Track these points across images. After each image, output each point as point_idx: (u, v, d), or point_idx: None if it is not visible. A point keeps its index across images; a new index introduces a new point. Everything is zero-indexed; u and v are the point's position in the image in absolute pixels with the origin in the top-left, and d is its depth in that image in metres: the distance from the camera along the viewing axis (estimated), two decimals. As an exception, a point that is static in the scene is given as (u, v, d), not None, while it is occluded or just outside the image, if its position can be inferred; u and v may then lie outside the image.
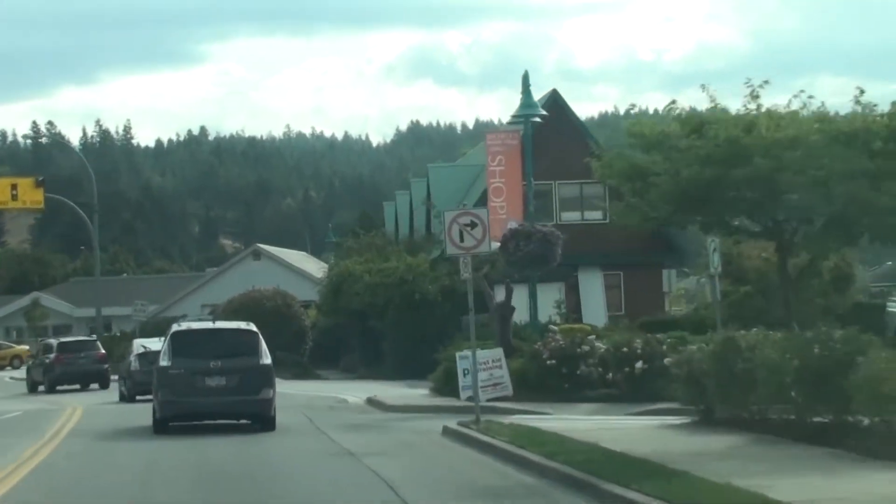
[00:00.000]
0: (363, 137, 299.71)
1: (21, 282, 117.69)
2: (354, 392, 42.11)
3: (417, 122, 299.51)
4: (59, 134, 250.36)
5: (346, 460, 20.66)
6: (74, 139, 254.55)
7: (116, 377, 46.88)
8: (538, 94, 43.20)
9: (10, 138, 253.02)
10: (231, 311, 56.02)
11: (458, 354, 33.73)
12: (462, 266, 26.95)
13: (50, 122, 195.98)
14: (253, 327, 26.83)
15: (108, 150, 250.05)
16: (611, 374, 31.88)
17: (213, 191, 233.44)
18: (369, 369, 54.10)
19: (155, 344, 39.81)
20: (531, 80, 36.79)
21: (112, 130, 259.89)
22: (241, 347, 25.62)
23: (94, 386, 52.83)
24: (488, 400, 31.33)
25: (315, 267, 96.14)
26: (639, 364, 30.91)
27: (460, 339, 44.35)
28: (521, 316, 41.23)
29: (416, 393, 39.25)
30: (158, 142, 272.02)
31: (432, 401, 34.81)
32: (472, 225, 25.98)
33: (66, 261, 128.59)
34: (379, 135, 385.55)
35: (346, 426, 28.14)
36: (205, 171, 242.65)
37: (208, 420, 26.14)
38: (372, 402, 36.12)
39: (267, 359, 25.85)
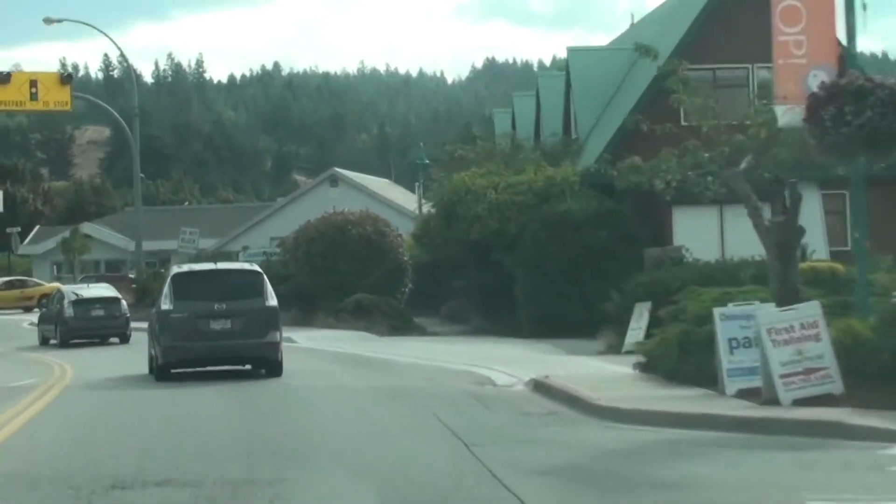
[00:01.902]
0: (438, 74, 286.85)
1: (77, 213, 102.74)
2: (490, 360, 26.39)
3: (493, 58, 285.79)
4: (131, 66, 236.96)
5: None
6: (147, 74, 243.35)
7: (37, 322, 43.25)
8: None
9: (81, 72, 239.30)
10: (306, 241, 40.39)
11: (718, 311, 17.95)
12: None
13: (122, 55, 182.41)
14: (257, 267, 25.32)
15: (180, 84, 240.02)
16: None
17: (286, 126, 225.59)
18: (489, 321, 38.45)
19: (86, 291, 40.78)
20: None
21: (184, 64, 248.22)
22: (245, 289, 23.75)
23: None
24: (797, 402, 15.83)
25: (401, 196, 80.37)
26: None
27: (635, 282, 29.07)
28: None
29: (607, 369, 23.51)
30: (231, 77, 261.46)
31: (664, 391, 18.75)
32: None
33: (127, 192, 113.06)
34: (451, 73, 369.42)
35: (553, 473, 12.40)
36: (278, 107, 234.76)
37: (212, 366, 24.04)
38: (547, 391, 20.27)
39: (273, 300, 23.88)
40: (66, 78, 47.75)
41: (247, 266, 25.69)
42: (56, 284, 61.66)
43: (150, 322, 25.56)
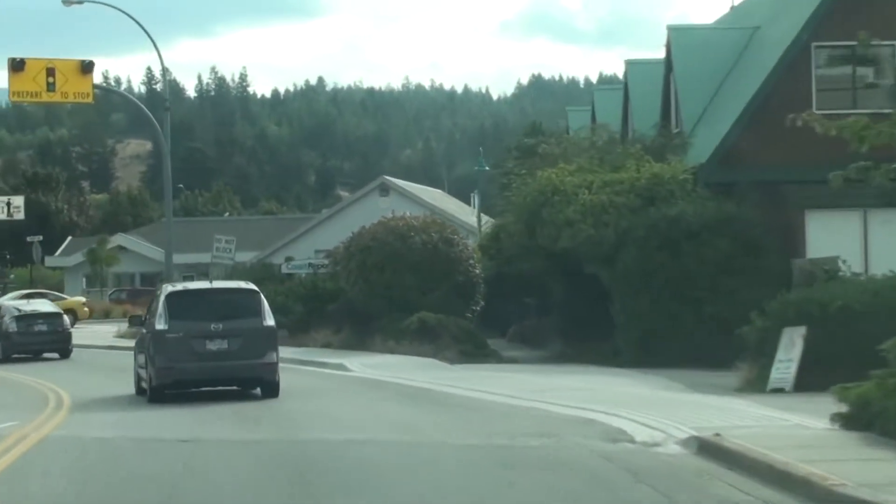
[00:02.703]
0: (483, 91, 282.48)
1: (112, 224, 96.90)
2: (607, 402, 19.83)
3: (539, 75, 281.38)
4: (174, 80, 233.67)
5: None
6: (190, 89, 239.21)
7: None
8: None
9: (124, 85, 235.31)
10: (360, 250, 33.73)
11: None
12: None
13: (165, 69, 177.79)
14: (253, 286, 24.01)
15: (224, 98, 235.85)
16: None
17: (330, 141, 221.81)
18: (574, 345, 31.88)
19: (27, 306, 40.79)
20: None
21: (228, 79, 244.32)
22: (242, 308, 22.59)
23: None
24: None
25: (456, 207, 74.00)
26: None
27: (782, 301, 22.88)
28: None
29: (784, 421, 16.94)
30: (275, 92, 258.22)
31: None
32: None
33: (162, 197, 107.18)
34: (496, 89, 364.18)
35: None
36: (322, 121, 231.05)
37: (208, 387, 22.55)
38: (727, 459, 13.66)
39: (270, 320, 22.60)
40: (88, 66, 41.33)
41: (243, 285, 24.59)
42: (79, 299, 55.92)
43: (139, 342, 24.40)
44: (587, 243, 29.23)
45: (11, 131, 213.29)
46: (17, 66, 40.47)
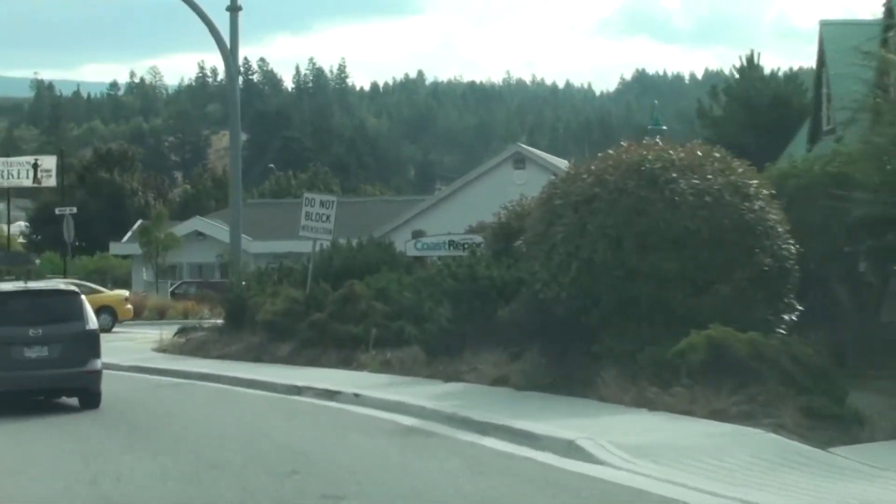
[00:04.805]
0: (585, 86, 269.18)
1: (192, 208, 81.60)
2: None
3: (643, 70, 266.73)
4: (272, 71, 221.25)
5: None
6: (287, 80, 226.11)
7: None
8: None
9: (220, 76, 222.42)
10: (571, 203, 17.04)
11: None
12: None
13: (262, 59, 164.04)
14: (74, 288, 21.21)
15: (322, 90, 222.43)
16: None
17: (431, 134, 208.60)
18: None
19: None
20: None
21: (326, 70, 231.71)
22: (62, 312, 19.64)
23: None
24: None
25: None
26: None
27: None
28: None
29: None
30: (374, 84, 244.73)
31: None
32: None
33: (254, 188, 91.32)
34: (597, 86, 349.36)
35: None
36: (422, 115, 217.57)
37: (27, 398, 19.31)
38: None
39: (93, 324, 19.70)
40: None
41: (62, 286, 21.58)
42: (121, 293, 40.43)
43: None
44: None
45: (106, 122, 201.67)
46: None
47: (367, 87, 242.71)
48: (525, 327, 18.75)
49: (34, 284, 21.95)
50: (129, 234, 69.59)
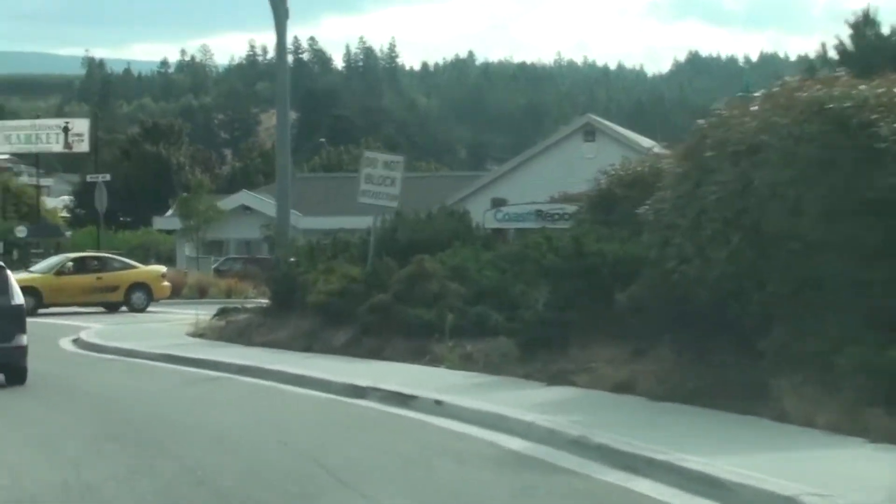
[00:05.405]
0: (637, 68, 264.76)
1: (241, 183, 77.70)
2: None
3: (696, 53, 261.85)
4: (321, 50, 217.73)
5: None
6: (338, 60, 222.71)
7: None
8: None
9: (270, 54, 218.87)
10: (728, 153, 12.90)
11: None
12: None
13: (312, 38, 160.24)
14: None
15: (371, 69, 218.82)
16: None
17: (482, 115, 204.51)
18: None
19: None
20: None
21: (376, 49, 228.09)
22: None
23: None
24: None
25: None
26: None
27: None
28: None
29: None
30: (424, 64, 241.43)
31: None
32: None
33: (304, 162, 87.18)
34: (649, 68, 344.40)
35: None
36: (472, 95, 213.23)
37: None
38: None
39: (18, 298, 18.43)
40: None
41: None
42: (157, 268, 36.41)
43: None
44: None
45: (156, 99, 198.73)
46: None
47: (416, 67, 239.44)
48: (653, 316, 14.42)
49: None
50: (171, 209, 65.89)
